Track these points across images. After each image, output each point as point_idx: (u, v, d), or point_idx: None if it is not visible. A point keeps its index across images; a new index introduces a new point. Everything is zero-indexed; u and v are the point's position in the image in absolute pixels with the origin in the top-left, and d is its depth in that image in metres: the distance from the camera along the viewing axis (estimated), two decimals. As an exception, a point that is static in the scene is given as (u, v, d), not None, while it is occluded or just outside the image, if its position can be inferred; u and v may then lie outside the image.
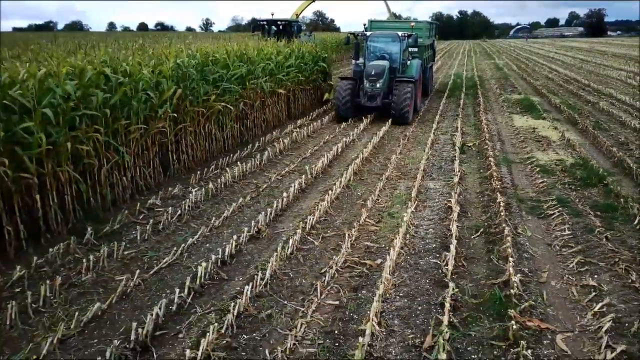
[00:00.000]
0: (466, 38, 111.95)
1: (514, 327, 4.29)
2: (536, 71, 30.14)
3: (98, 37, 28.48)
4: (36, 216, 6.23)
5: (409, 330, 4.51)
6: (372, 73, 13.66)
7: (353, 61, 16.01)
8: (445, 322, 4.35)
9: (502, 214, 6.83)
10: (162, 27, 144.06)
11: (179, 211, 7.13)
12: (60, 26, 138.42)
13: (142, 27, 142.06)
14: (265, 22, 24.76)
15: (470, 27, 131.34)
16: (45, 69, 6.15)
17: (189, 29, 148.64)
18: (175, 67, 8.88)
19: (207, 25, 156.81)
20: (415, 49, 15.90)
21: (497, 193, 7.67)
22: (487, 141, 11.33)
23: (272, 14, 24.84)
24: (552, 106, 16.87)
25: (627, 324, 4.54)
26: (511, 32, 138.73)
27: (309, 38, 25.27)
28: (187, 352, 3.94)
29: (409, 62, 15.06)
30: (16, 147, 5.83)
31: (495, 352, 4.19)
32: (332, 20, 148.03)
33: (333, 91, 16.40)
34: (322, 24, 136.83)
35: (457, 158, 10.03)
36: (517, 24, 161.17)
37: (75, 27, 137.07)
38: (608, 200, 7.58)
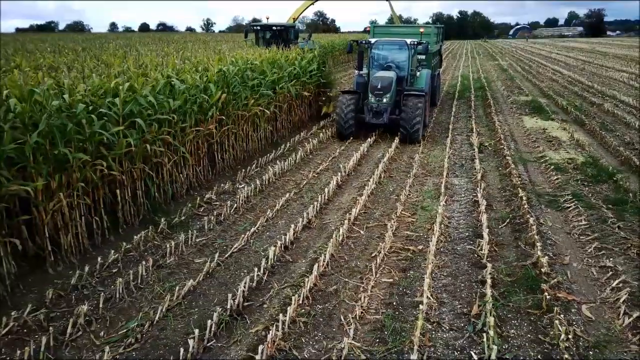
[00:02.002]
0: (466, 38, 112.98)
1: (547, 297, 5.13)
2: (540, 73, 30.96)
3: (115, 39, 29.29)
4: (114, 209, 7.07)
5: (457, 302, 5.35)
6: (378, 86, 12.20)
7: (355, 72, 14.60)
8: (489, 294, 5.18)
9: (525, 206, 7.66)
10: (164, 28, 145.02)
11: (235, 205, 7.97)
12: (61, 26, 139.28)
13: (144, 27, 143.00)
14: (259, 27, 22.47)
15: (470, 27, 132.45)
16: (130, 82, 6.99)
17: (190, 29, 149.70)
18: (220, 74, 9.70)
19: (207, 25, 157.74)
20: (423, 57, 14.90)
21: (519, 188, 8.50)
22: (502, 141, 12.15)
23: (268, 18, 22.98)
24: (559, 108, 17.69)
25: (640, 297, 5.38)
26: (511, 32, 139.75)
27: (307, 43, 23.26)
28: (280, 316, 4.76)
29: (418, 72, 13.80)
30: (101, 148, 6.67)
31: (532, 318, 5.02)
32: (333, 21, 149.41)
33: (332, 104, 15.09)
34: (323, 24, 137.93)
35: (476, 157, 10.86)
36: (517, 24, 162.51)
37: (77, 27, 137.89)
38: (618, 195, 8.41)
